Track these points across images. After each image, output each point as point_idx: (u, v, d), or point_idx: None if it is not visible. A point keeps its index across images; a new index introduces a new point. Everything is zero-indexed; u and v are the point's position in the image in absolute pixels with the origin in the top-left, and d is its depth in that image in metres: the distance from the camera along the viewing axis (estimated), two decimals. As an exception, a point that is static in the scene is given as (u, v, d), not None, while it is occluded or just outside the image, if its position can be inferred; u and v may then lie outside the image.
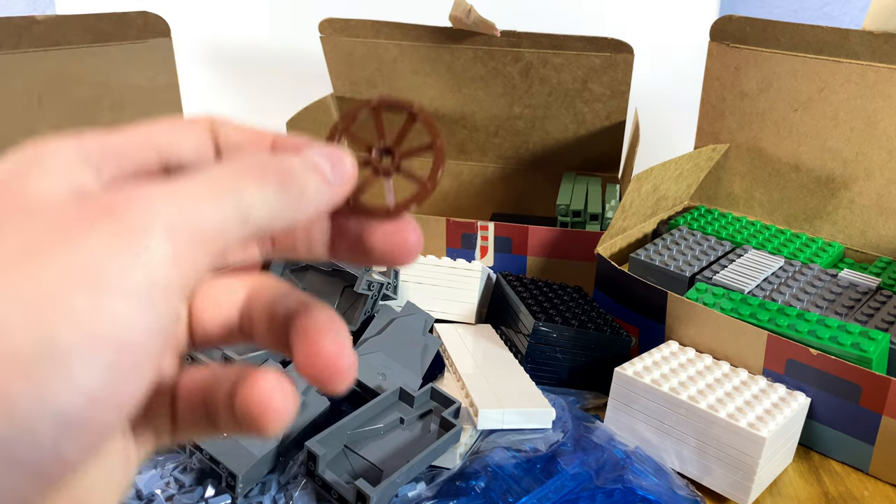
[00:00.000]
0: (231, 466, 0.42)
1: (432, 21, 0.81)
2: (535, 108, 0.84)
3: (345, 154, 0.22)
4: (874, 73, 0.64)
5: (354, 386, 0.51)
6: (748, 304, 0.56)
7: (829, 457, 0.53)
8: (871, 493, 0.50)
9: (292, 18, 1.02)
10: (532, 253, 0.70)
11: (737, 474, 0.47)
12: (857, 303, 0.58)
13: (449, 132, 0.89)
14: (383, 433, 0.47)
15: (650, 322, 0.59)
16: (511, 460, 0.47)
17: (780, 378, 0.53)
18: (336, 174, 0.21)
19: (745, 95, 0.72)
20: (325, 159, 0.21)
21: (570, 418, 0.52)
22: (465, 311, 0.63)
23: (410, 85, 0.86)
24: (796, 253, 0.68)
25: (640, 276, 0.61)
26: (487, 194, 0.92)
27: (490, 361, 0.56)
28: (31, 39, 0.63)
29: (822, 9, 1.02)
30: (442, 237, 0.72)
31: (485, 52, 0.81)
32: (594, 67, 0.79)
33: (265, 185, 0.19)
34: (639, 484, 0.46)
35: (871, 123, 0.66)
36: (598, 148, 0.85)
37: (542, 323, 0.56)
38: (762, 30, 0.69)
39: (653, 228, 0.74)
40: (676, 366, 0.53)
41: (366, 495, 0.40)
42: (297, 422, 0.47)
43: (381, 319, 0.57)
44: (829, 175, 0.69)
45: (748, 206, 0.76)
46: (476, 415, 0.49)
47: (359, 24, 0.83)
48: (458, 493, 0.45)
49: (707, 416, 0.48)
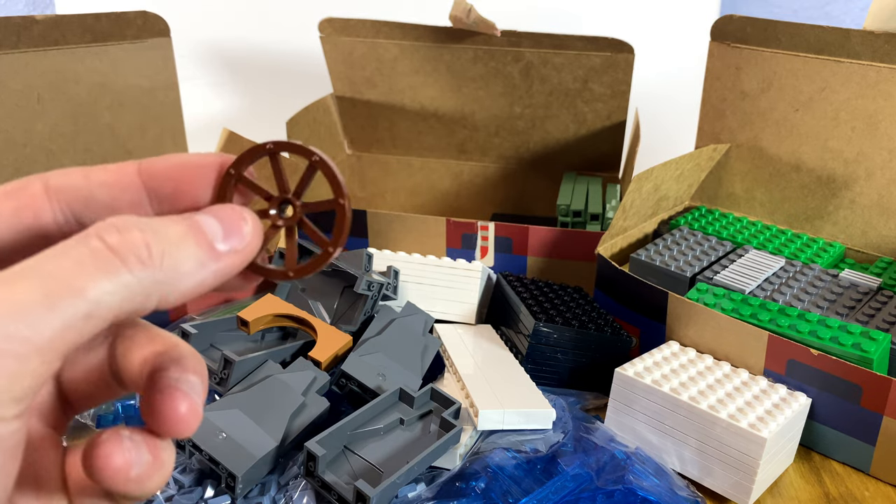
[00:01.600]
0: (231, 467, 0.42)
1: (432, 21, 0.81)
2: (535, 108, 0.84)
3: (244, 215, 0.19)
4: (875, 73, 0.64)
5: (354, 386, 0.51)
6: (749, 304, 0.56)
7: (829, 457, 0.53)
8: (871, 493, 0.50)
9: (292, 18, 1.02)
10: (532, 253, 0.70)
11: (738, 475, 0.47)
12: (858, 303, 0.58)
13: (449, 132, 0.89)
14: (383, 434, 0.47)
15: (651, 322, 0.59)
16: (511, 461, 0.47)
17: (780, 378, 0.53)
18: (231, 241, 0.19)
19: (745, 95, 0.72)
20: (215, 223, 0.19)
21: (571, 419, 0.52)
22: (465, 311, 0.63)
23: (410, 85, 0.86)
24: (797, 253, 0.67)
25: (640, 276, 0.61)
26: (487, 194, 0.92)
27: (490, 362, 0.56)
28: (31, 39, 0.63)
29: (822, 8, 1.02)
30: (442, 237, 0.72)
31: (485, 52, 0.81)
32: (594, 67, 0.79)
33: (117, 270, 0.16)
34: (639, 485, 0.46)
35: (872, 123, 0.66)
36: (599, 148, 0.85)
37: (542, 323, 0.56)
38: (763, 30, 0.69)
39: (653, 228, 0.74)
40: (677, 366, 0.53)
41: (365, 496, 0.40)
42: (297, 422, 0.47)
43: (381, 320, 0.57)
44: (830, 175, 0.69)
45: (749, 207, 0.76)
46: (476, 415, 0.49)
47: (359, 24, 0.83)
48: (458, 493, 0.45)
49: (708, 417, 0.48)
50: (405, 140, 0.91)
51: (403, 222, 0.72)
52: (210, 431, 0.44)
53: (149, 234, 0.17)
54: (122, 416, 0.51)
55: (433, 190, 0.93)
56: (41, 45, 0.64)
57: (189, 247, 0.18)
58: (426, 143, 0.90)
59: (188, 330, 0.50)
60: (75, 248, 0.17)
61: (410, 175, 0.93)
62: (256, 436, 0.44)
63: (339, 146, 0.92)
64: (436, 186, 0.93)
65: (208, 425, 0.44)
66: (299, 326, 0.56)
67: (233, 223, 0.19)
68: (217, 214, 0.19)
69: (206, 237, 0.18)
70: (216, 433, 0.44)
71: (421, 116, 0.88)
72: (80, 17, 0.66)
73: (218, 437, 0.44)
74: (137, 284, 0.17)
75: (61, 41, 0.65)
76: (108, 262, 0.16)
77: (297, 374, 0.49)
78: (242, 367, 0.49)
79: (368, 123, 0.91)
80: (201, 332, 0.51)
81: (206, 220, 0.19)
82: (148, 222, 0.18)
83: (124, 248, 0.17)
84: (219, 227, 0.19)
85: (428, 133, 0.89)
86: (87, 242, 0.17)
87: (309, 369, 0.50)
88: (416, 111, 0.88)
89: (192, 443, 0.44)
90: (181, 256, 0.18)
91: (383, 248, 0.73)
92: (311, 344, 0.53)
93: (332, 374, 0.51)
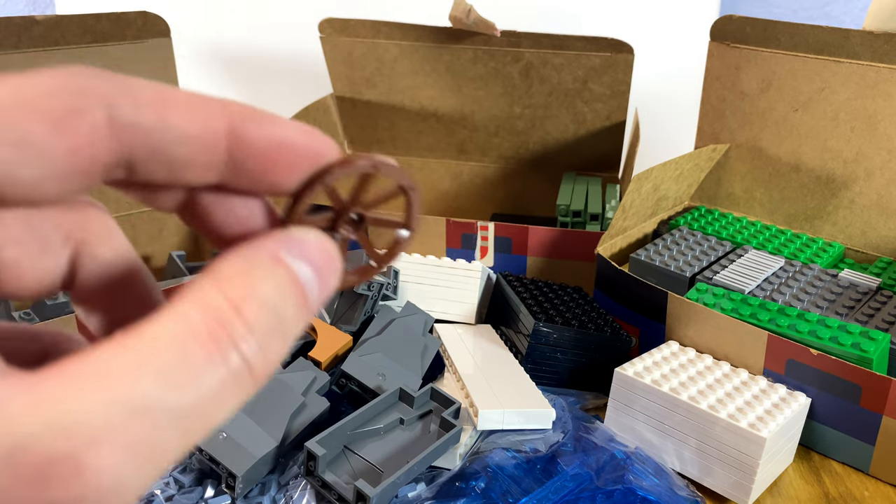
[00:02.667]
0: (231, 467, 0.42)
1: (432, 21, 0.81)
2: (535, 108, 0.84)
3: (333, 259, 0.17)
4: (875, 74, 0.64)
5: (354, 386, 0.51)
6: (748, 304, 0.56)
7: (829, 457, 0.53)
8: (871, 493, 0.50)
9: (292, 18, 1.02)
10: (532, 253, 0.70)
11: (737, 475, 0.47)
12: (858, 303, 0.58)
13: (449, 132, 0.89)
14: (383, 434, 0.47)
15: (650, 322, 0.59)
16: (511, 461, 0.47)
17: (780, 378, 0.53)
18: (324, 284, 0.16)
19: (745, 95, 0.72)
20: (311, 275, 0.16)
21: (571, 419, 0.52)
22: (465, 311, 0.63)
23: (410, 85, 0.86)
24: (797, 253, 0.68)
25: (640, 276, 0.61)
26: (487, 194, 0.92)
27: (490, 362, 0.56)
28: (31, 39, 0.63)
29: (822, 9, 1.02)
30: (442, 237, 0.72)
31: (485, 52, 0.81)
32: (594, 67, 0.79)
33: (189, 358, 0.14)
34: (639, 484, 0.46)
35: (871, 123, 0.66)
36: (598, 148, 0.85)
37: (542, 323, 0.56)
38: (762, 30, 0.69)
39: (653, 229, 0.74)
40: (677, 366, 0.53)
41: (366, 496, 0.40)
42: (297, 422, 0.47)
43: (381, 320, 0.57)
44: (830, 175, 0.69)
45: (748, 207, 0.76)
46: (476, 415, 0.49)
47: (359, 24, 0.83)
48: (458, 493, 0.45)
49: (707, 417, 0.48)
50: (405, 140, 0.91)
51: (403, 222, 0.72)
52: (210, 431, 0.44)
53: (250, 303, 0.15)
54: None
55: (433, 190, 0.93)
56: (41, 46, 0.64)
57: (288, 299, 0.15)
58: (426, 143, 0.90)
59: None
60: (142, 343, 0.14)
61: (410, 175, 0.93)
62: (256, 435, 0.44)
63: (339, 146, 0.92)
64: (436, 186, 0.93)
65: (208, 425, 0.44)
66: (299, 326, 0.55)
67: (325, 274, 0.16)
68: (310, 258, 0.16)
69: (305, 296, 0.16)
70: (216, 433, 0.44)
71: (421, 116, 0.88)
72: (81, 17, 0.66)
73: (218, 436, 0.44)
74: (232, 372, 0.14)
75: (61, 41, 0.65)
76: (191, 356, 0.14)
77: (297, 374, 0.49)
78: (242, 367, 0.49)
79: (368, 123, 0.91)
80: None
81: (302, 270, 0.16)
82: (245, 277, 0.15)
83: (210, 328, 0.14)
84: (315, 282, 0.16)
85: (428, 133, 0.89)
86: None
87: (309, 369, 0.50)
88: (415, 111, 0.88)
89: (193, 443, 0.44)
90: (281, 312, 0.15)
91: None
92: (311, 344, 0.54)
93: (332, 374, 0.52)
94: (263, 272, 0.15)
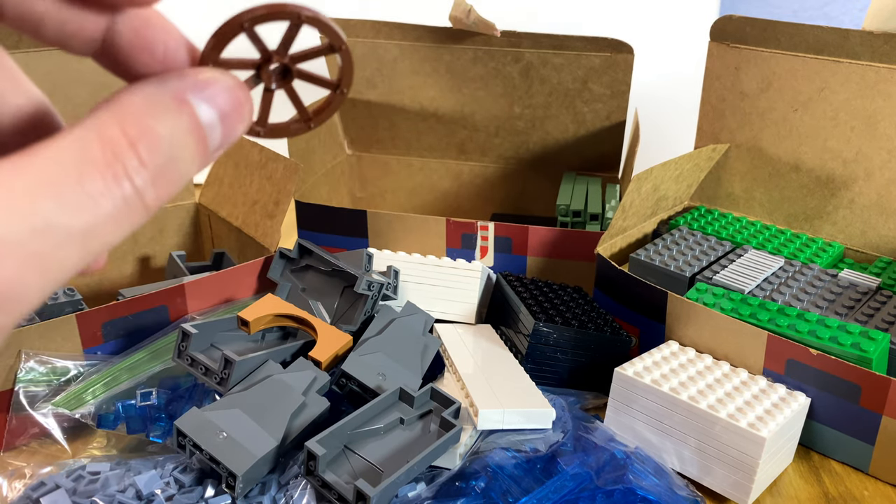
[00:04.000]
0: (231, 466, 0.42)
1: (432, 21, 0.81)
2: (535, 108, 0.84)
3: (242, 98, 0.17)
4: (874, 74, 0.64)
5: (354, 386, 0.51)
6: (748, 304, 0.56)
7: (829, 457, 0.53)
8: (871, 493, 0.50)
9: (292, 18, 1.02)
10: (532, 253, 0.70)
11: (737, 474, 0.47)
12: (857, 303, 0.58)
13: (449, 132, 0.89)
14: (383, 433, 0.47)
15: (650, 322, 0.59)
16: (511, 460, 0.47)
17: (780, 378, 0.53)
18: (228, 130, 0.17)
19: (745, 95, 0.72)
20: (212, 114, 0.16)
21: (571, 418, 0.52)
22: (465, 311, 0.63)
23: (410, 85, 0.86)
24: (796, 253, 0.68)
25: (640, 276, 0.61)
26: (487, 194, 0.92)
27: (490, 362, 0.56)
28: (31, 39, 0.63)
29: (822, 9, 1.02)
30: (442, 237, 0.72)
31: (485, 52, 0.81)
32: (594, 67, 0.79)
33: (85, 184, 0.14)
34: (639, 484, 0.46)
35: (871, 123, 0.66)
36: (598, 148, 0.85)
37: (542, 323, 0.56)
38: (762, 30, 0.69)
39: (653, 228, 0.74)
40: (676, 366, 0.53)
41: (366, 495, 0.40)
42: (297, 422, 0.47)
43: (381, 320, 0.57)
44: (830, 175, 0.69)
45: (748, 207, 0.76)
46: (476, 415, 0.49)
47: (359, 24, 0.83)
48: (458, 493, 0.45)
49: (707, 417, 0.48)
50: (405, 140, 0.91)
51: (403, 222, 0.72)
52: (210, 431, 0.44)
53: (146, 141, 0.15)
54: (123, 416, 0.51)
55: (433, 190, 0.93)
56: (42, 46, 0.64)
57: (185, 134, 0.16)
58: (426, 143, 0.90)
59: (188, 330, 0.50)
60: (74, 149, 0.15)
61: (410, 175, 0.93)
62: (257, 435, 0.44)
63: (339, 146, 0.92)
64: (436, 186, 0.93)
65: (209, 425, 0.44)
66: (299, 326, 0.56)
67: (230, 121, 0.17)
68: (216, 102, 0.16)
69: (205, 140, 0.16)
70: (217, 433, 0.44)
71: (421, 117, 0.88)
72: (81, 17, 0.66)
73: (218, 436, 0.44)
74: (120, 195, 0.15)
75: (62, 41, 0.65)
76: (84, 171, 0.15)
77: (297, 373, 0.49)
78: (243, 367, 0.49)
79: (368, 123, 0.91)
80: (202, 332, 0.51)
81: (205, 112, 0.16)
82: (144, 114, 0.15)
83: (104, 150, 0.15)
84: (218, 127, 0.16)
85: (428, 133, 0.89)
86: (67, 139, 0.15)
87: (309, 369, 0.50)
88: (416, 111, 0.88)
89: (193, 442, 0.44)
90: (180, 146, 0.16)
91: (383, 248, 0.73)
92: (311, 344, 0.54)
93: (333, 374, 0.52)
94: (163, 111, 0.16)
